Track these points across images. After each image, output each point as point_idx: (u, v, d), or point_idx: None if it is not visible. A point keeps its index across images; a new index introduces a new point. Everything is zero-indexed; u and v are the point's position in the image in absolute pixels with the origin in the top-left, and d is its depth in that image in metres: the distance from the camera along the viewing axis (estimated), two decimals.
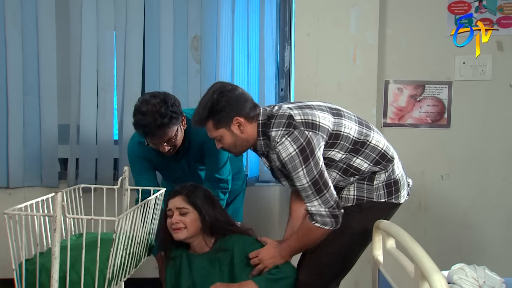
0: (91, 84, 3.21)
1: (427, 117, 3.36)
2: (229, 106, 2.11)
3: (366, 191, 2.19)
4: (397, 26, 3.32)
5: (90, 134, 3.24)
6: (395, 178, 2.21)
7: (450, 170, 3.38)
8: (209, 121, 2.13)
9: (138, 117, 2.35)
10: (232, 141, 2.16)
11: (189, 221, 2.19)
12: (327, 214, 2.04)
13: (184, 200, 2.20)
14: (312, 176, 2.02)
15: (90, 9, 3.17)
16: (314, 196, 2.03)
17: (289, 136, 2.03)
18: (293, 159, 2.01)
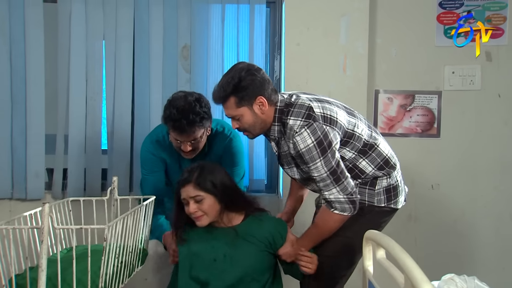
0: (80, 93, 3.21)
1: (417, 126, 3.38)
2: (254, 85, 2.13)
3: (368, 195, 2.23)
4: (386, 36, 3.35)
5: (78, 144, 3.23)
6: (394, 184, 2.26)
7: (440, 180, 3.40)
8: (231, 97, 2.14)
9: (171, 111, 2.38)
10: (252, 121, 2.17)
11: (207, 207, 2.13)
12: (345, 201, 2.09)
13: (195, 187, 2.13)
14: (330, 166, 2.07)
15: (79, 19, 3.18)
16: (333, 185, 2.08)
17: (308, 128, 2.07)
18: (310, 150, 2.06)
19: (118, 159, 3.26)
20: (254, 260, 2.16)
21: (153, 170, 2.66)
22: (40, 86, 3.20)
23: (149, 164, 2.66)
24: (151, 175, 2.66)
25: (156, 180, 2.66)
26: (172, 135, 2.47)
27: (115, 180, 2.31)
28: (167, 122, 2.42)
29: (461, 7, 3.32)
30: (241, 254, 2.14)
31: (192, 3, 3.25)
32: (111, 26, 3.21)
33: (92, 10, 3.19)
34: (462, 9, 3.32)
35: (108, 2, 3.20)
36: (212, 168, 2.20)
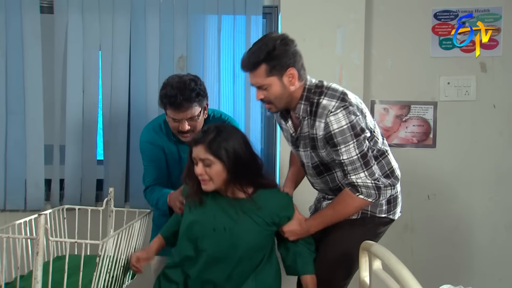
0: (76, 103, 3.21)
1: (413, 137, 3.40)
2: (287, 55, 2.08)
3: (371, 205, 2.22)
4: (382, 47, 3.37)
5: (74, 154, 3.23)
6: (395, 194, 2.27)
7: (436, 190, 3.41)
8: (262, 65, 2.07)
9: (167, 89, 2.41)
10: (279, 93, 2.10)
11: (214, 173, 2.02)
12: (372, 186, 2.06)
13: (206, 150, 2.00)
14: (361, 149, 2.05)
15: (75, 29, 3.19)
16: (362, 168, 2.06)
17: (344, 109, 2.05)
18: (344, 132, 2.03)
19: (114, 170, 3.26)
20: (253, 238, 2.08)
21: (152, 159, 2.62)
22: (38, 97, 3.21)
23: (147, 154, 2.64)
24: (150, 165, 2.63)
25: (156, 170, 2.61)
26: (169, 114, 2.47)
27: (112, 191, 2.31)
28: (163, 100, 2.43)
29: (455, 18, 3.35)
30: (241, 230, 2.06)
31: (188, 14, 3.26)
32: (108, 36, 3.22)
33: (88, 20, 3.20)
34: (456, 20, 3.34)
35: (104, 12, 3.21)
36: (230, 134, 2.06)
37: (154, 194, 2.56)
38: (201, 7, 3.27)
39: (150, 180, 2.61)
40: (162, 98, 2.45)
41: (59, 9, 3.18)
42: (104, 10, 3.21)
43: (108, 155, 3.28)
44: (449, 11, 3.36)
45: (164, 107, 2.50)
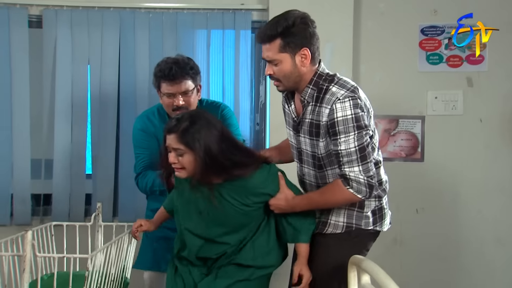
0: (65, 118, 3.21)
1: (401, 151, 3.42)
2: (304, 34, 2.04)
3: (356, 218, 2.18)
4: (370, 62, 3.41)
5: (63, 169, 3.22)
6: (380, 206, 2.23)
7: (424, 204, 3.43)
8: (277, 39, 2.02)
9: (161, 65, 2.51)
10: (289, 71, 2.06)
11: (186, 162, 1.99)
12: (364, 183, 2.02)
13: (178, 140, 1.97)
14: (361, 142, 2.00)
15: (64, 43, 3.20)
16: (358, 162, 2.00)
17: (352, 100, 2.00)
18: (347, 121, 1.99)
19: (103, 184, 3.25)
20: (235, 219, 2.09)
21: (144, 146, 2.61)
22: (25, 111, 3.20)
23: (140, 141, 2.63)
24: (143, 152, 2.60)
25: (148, 157, 2.58)
26: (163, 89, 2.50)
27: (100, 206, 2.30)
28: (158, 75, 2.50)
29: (442, 33, 3.40)
30: (221, 214, 2.06)
31: (177, 28, 3.29)
32: (97, 50, 3.24)
33: (77, 35, 3.22)
34: (443, 35, 3.40)
35: (93, 26, 3.23)
36: (204, 124, 2.00)
37: (147, 177, 2.56)
38: (190, 22, 3.30)
39: (142, 167, 2.59)
40: (157, 74, 2.52)
41: (48, 23, 3.19)
42: (93, 24, 3.23)
43: (96, 169, 3.27)
44: (436, 26, 3.40)
45: (158, 84, 2.53)
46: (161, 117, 2.64)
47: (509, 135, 3.41)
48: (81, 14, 3.22)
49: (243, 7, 3.35)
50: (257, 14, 3.39)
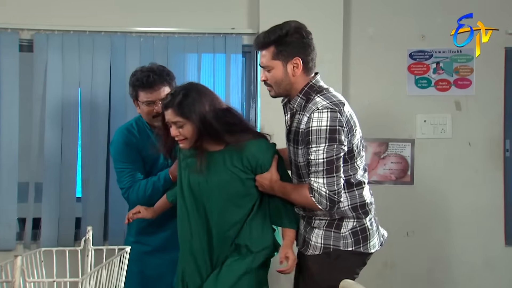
0: (55, 141, 3.21)
1: (391, 174, 3.44)
2: (298, 44, 2.12)
3: (333, 239, 2.17)
4: (359, 85, 3.45)
5: (52, 192, 3.21)
6: (362, 226, 2.19)
7: (415, 227, 3.45)
8: (271, 46, 2.12)
9: (137, 74, 2.52)
10: (280, 78, 2.14)
11: (187, 132, 2.14)
12: (325, 196, 2.04)
13: (175, 113, 2.13)
14: (330, 155, 2.02)
15: (55, 67, 3.22)
16: (323, 174, 2.03)
17: (330, 112, 2.03)
18: (320, 132, 2.02)
19: (93, 208, 3.24)
20: (231, 186, 2.18)
21: (127, 160, 2.57)
22: (14, 134, 3.21)
23: (123, 154, 2.58)
24: (129, 166, 2.57)
25: (135, 170, 2.56)
26: (142, 98, 2.51)
27: (90, 230, 2.27)
28: (135, 84, 2.51)
29: (430, 58, 3.46)
30: (219, 181, 2.18)
31: (168, 52, 3.32)
32: (87, 74, 3.26)
33: (68, 58, 3.24)
34: (431, 60, 3.45)
35: (84, 50, 3.25)
36: (196, 95, 2.15)
37: (142, 186, 2.53)
38: (181, 46, 3.34)
39: (130, 180, 2.56)
40: (134, 83, 2.53)
41: (39, 47, 3.22)
42: (84, 48, 3.26)
43: (87, 193, 3.26)
44: (424, 51, 3.46)
45: (135, 93, 2.54)
46: (140, 129, 2.62)
47: (497, 159, 3.46)
48: (72, 38, 3.25)
49: (234, 31, 3.39)
50: (248, 38, 3.44)
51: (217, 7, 3.43)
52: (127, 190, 2.57)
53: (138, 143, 2.58)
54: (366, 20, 3.49)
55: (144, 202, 2.54)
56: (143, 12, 3.37)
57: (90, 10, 3.32)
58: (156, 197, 2.52)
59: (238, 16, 3.44)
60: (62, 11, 3.29)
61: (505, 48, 3.45)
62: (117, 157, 2.61)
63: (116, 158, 2.62)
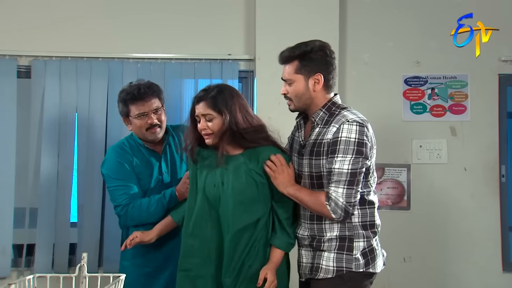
0: (51, 166, 3.23)
1: (387, 199, 3.45)
2: (321, 61, 2.20)
3: (346, 261, 2.18)
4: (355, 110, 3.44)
5: (47, 217, 3.20)
6: (370, 246, 2.22)
7: (412, 253, 3.44)
8: (295, 61, 2.20)
9: (126, 89, 2.57)
10: (300, 92, 2.21)
11: (216, 126, 2.22)
12: (341, 206, 2.07)
13: (207, 105, 2.22)
14: (355, 167, 2.07)
15: (52, 92, 3.25)
16: (344, 185, 2.07)
17: (360, 126, 2.10)
18: (349, 143, 2.07)
19: (88, 234, 3.24)
20: (246, 190, 2.23)
21: (123, 177, 2.55)
22: (11, 160, 3.22)
23: (118, 171, 2.55)
24: (123, 183, 2.54)
25: (130, 187, 2.53)
26: (134, 111, 2.54)
27: (85, 257, 2.26)
28: (126, 98, 2.55)
29: (425, 84, 3.49)
30: (235, 183, 2.23)
31: (165, 78, 3.36)
32: (84, 99, 3.29)
33: (65, 84, 3.27)
34: (426, 86, 3.49)
35: (82, 76, 3.29)
36: (229, 93, 2.26)
37: (145, 203, 2.50)
38: (178, 71, 3.38)
39: (128, 198, 2.52)
40: (125, 98, 2.56)
41: (37, 73, 3.26)
42: (81, 74, 3.30)
43: (82, 218, 3.26)
44: (419, 77, 3.50)
45: (126, 109, 2.56)
46: (132, 147, 2.63)
47: (493, 184, 3.47)
48: (70, 64, 3.29)
49: (230, 57, 3.44)
50: (244, 64, 3.49)
51: (214, 34, 3.48)
52: (125, 207, 2.52)
53: (132, 159, 2.59)
54: (362, 46, 3.55)
55: (145, 219, 2.52)
56: (140, 38, 3.41)
57: (87, 37, 3.37)
58: (158, 216, 2.51)
59: (234, 42, 3.50)
60: (60, 38, 3.34)
61: (499, 74, 3.50)
62: (110, 175, 2.58)
63: (109, 176, 2.59)
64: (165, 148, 2.65)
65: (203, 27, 3.46)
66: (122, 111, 2.61)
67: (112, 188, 2.58)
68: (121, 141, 2.69)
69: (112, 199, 2.60)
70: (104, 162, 2.66)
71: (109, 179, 2.59)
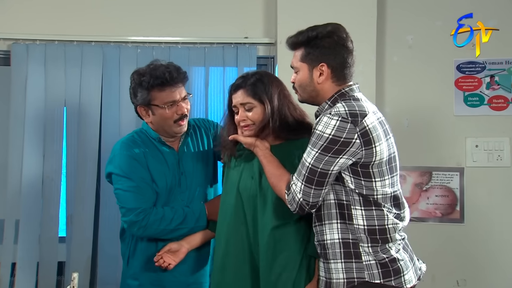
0: (36, 170, 3.21)
1: (436, 209, 3.39)
2: (328, 49, 2.21)
3: (356, 270, 2.17)
4: (396, 103, 3.42)
5: (31, 231, 3.19)
6: (390, 256, 2.19)
7: (467, 275, 3.37)
8: (301, 48, 2.25)
9: (152, 71, 2.48)
10: (304, 81, 2.26)
11: (256, 116, 2.31)
12: (297, 202, 2.15)
13: (247, 93, 2.31)
14: (316, 165, 2.09)
15: (36, 82, 3.24)
16: (302, 179, 2.12)
17: (341, 121, 2.06)
18: (320, 137, 2.08)
19: (78, 250, 3.22)
20: None
21: (136, 176, 2.47)
22: None
23: (128, 170, 2.47)
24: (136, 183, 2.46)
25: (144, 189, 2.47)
26: (163, 99, 2.47)
27: (75, 277, 2.25)
28: (155, 82, 2.46)
29: (483, 71, 3.41)
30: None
31: None
32: (74, 91, 3.27)
33: (52, 73, 3.26)
34: (484, 73, 3.41)
35: (71, 62, 3.28)
36: (270, 81, 2.36)
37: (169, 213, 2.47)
38: (185, 58, 3.35)
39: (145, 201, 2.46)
40: (149, 82, 2.45)
41: (17, 60, 3.24)
42: (70, 61, 3.28)
43: (72, 232, 3.24)
44: (475, 62, 3.42)
45: (149, 95, 2.46)
46: (143, 141, 2.56)
47: None
48: (57, 50, 3.27)
49: (247, 40, 3.41)
50: (263, 49, 3.46)
51: (228, 13, 3.45)
52: (144, 213, 2.43)
53: (146, 156, 2.51)
54: (404, 26, 3.48)
55: (163, 234, 2.48)
56: (140, 19, 3.39)
57: (78, 17, 3.35)
58: (178, 234, 2.50)
59: (252, 23, 3.48)
60: (45, 18, 3.33)
61: None
62: (120, 174, 2.48)
63: (118, 176, 2.49)
64: (184, 144, 2.62)
65: (214, 5, 3.44)
66: (141, 99, 2.50)
67: (123, 189, 2.47)
68: (129, 134, 2.62)
69: (123, 202, 2.47)
70: (111, 160, 2.54)
71: (119, 178, 2.49)
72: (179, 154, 2.59)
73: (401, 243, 2.26)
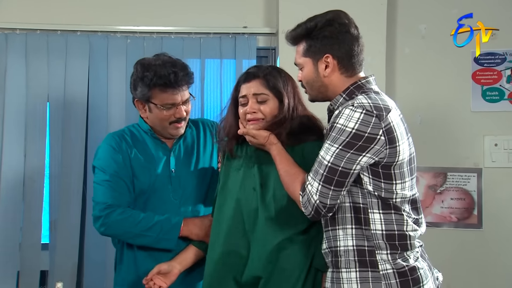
0: (16, 171, 3.22)
1: (451, 214, 3.40)
2: (330, 39, 2.17)
3: (372, 280, 2.15)
4: (408, 98, 3.43)
5: (11, 238, 3.20)
6: (410, 265, 2.17)
7: (486, 285, 3.38)
8: (302, 41, 2.23)
9: (156, 68, 2.47)
10: (310, 77, 2.23)
11: (268, 110, 2.27)
12: (312, 204, 2.09)
13: (263, 84, 2.28)
14: (338, 162, 2.04)
15: (16, 75, 3.26)
16: (320, 179, 2.07)
17: (366, 114, 2.02)
18: (342, 132, 2.03)
19: (63, 258, 3.23)
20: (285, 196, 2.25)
21: (115, 172, 2.50)
22: None
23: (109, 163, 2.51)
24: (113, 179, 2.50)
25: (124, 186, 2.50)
26: (163, 100, 2.48)
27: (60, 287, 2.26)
28: (156, 81, 2.45)
29: (503, 62, 3.42)
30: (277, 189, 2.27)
31: None
32: (59, 84, 3.29)
33: (34, 64, 3.27)
34: (504, 65, 3.42)
35: (55, 53, 3.30)
36: (286, 77, 2.34)
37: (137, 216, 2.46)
38: (179, 49, 3.37)
39: (115, 197, 2.48)
40: (151, 80, 2.46)
41: None
42: (54, 52, 3.30)
43: (55, 238, 3.25)
44: (495, 54, 3.43)
45: (150, 92, 2.48)
46: (134, 136, 2.60)
47: None
48: (39, 40, 3.29)
49: (246, 30, 3.43)
50: (264, 40, 3.48)
51: (225, 0, 3.46)
52: (109, 208, 2.46)
53: (130, 152, 2.55)
54: (417, 14, 3.50)
55: (126, 236, 2.50)
56: (130, 7, 3.41)
57: (62, 3, 3.36)
58: (145, 241, 2.48)
59: (251, 11, 3.49)
60: (26, 5, 3.34)
61: None
62: (97, 167, 2.54)
63: (97, 168, 2.54)
64: (180, 142, 2.63)
65: None
66: (140, 94, 2.51)
67: (97, 182, 2.53)
68: (122, 128, 2.66)
69: (94, 195, 2.54)
70: (97, 151, 2.60)
71: (97, 171, 2.55)
72: (172, 150, 2.60)
73: (419, 251, 2.25)
